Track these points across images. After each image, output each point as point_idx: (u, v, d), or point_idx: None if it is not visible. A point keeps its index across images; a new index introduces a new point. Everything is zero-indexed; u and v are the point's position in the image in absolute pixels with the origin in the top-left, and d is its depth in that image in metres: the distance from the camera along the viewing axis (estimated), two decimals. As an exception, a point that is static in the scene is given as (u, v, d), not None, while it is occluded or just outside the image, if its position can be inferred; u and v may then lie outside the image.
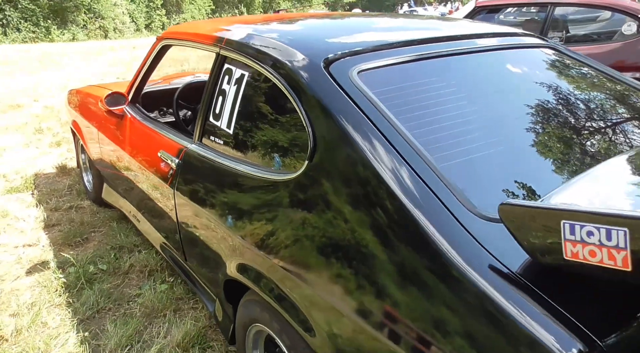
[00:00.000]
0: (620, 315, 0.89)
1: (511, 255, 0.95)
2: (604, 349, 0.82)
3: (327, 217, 1.25)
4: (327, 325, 1.24)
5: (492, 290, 0.92)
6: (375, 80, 1.43)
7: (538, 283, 0.91)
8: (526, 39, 1.90)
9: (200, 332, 2.13)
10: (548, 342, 0.83)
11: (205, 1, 34.82)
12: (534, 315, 0.87)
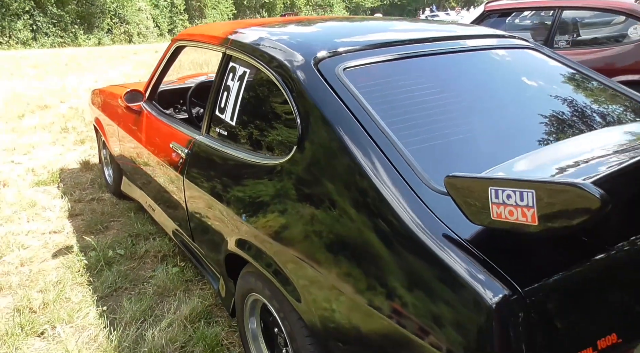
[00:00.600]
0: (539, 267, 1.06)
1: (454, 218, 1.13)
2: (522, 294, 0.99)
3: (311, 195, 1.44)
4: (310, 292, 1.42)
5: (436, 246, 1.10)
6: (358, 76, 1.61)
7: (473, 241, 1.09)
8: (506, 41, 2.06)
9: (206, 309, 2.33)
10: (477, 286, 1.01)
11: (228, 6, 35.35)
12: (469, 265, 1.04)
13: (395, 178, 1.26)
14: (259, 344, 1.84)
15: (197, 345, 2.08)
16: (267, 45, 1.85)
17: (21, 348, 2.10)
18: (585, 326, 1.04)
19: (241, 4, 36.95)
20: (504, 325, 0.98)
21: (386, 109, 1.50)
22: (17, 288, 2.57)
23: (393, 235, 1.19)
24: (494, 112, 1.62)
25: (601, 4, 4.55)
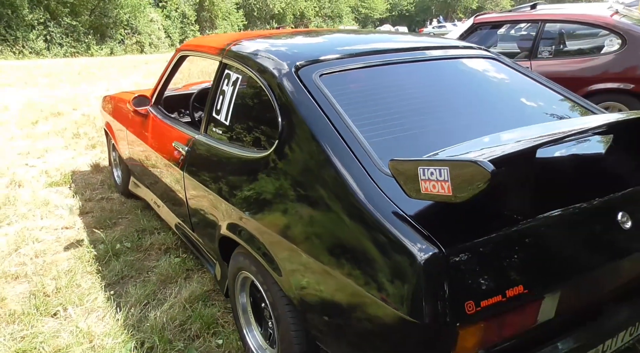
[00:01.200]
0: (460, 232, 1.29)
1: (396, 194, 1.35)
2: (445, 253, 1.21)
3: (288, 181, 1.67)
4: (289, 265, 1.65)
5: (382, 216, 1.33)
6: (332, 81, 1.84)
7: (409, 212, 1.32)
8: (469, 51, 2.29)
9: (204, 293, 2.56)
10: (411, 247, 1.24)
11: (238, 17, 35.87)
12: (405, 231, 1.28)
13: (355, 164, 1.49)
14: (248, 316, 2.06)
15: (194, 323, 2.31)
16: (256, 55, 2.09)
17: (36, 326, 2.34)
18: (496, 279, 1.26)
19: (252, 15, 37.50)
20: (429, 276, 1.21)
21: (353, 108, 1.73)
22: (32, 276, 2.81)
23: (350, 209, 1.42)
24: (443, 111, 1.88)
25: (580, 18, 4.79)
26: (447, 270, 1.22)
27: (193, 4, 30.01)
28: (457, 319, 1.21)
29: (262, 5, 37.15)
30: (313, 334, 1.65)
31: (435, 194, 1.20)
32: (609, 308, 1.58)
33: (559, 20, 4.95)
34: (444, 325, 1.21)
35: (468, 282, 1.24)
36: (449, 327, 1.21)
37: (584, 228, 1.48)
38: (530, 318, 1.37)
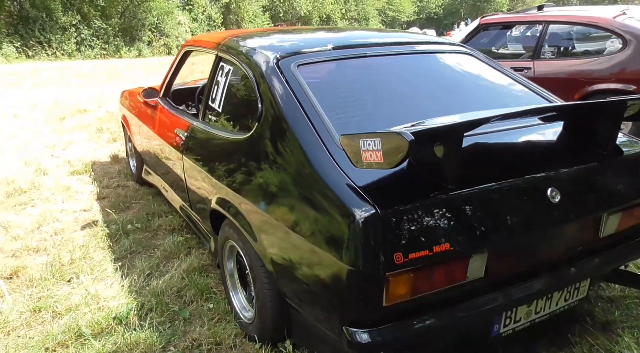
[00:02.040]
0: (394, 197, 1.51)
1: (346, 165, 1.58)
2: (379, 212, 1.43)
3: (262, 156, 1.92)
4: (261, 230, 1.89)
5: (332, 183, 1.57)
6: (307, 70, 2.08)
7: (354, 178, 1.55)
8: (441, 46, 2.50)
9: (201, 266, 2.82)
10: (350, 205, 1.47)
11: (264, 20, 36.38)
12: (349, 195, 1.50)
13: (315, 140, 1.73)
14: (234, 281, 2.31)
15: (189, 290, 2.57)
16: (244, 48, 2.35)
17: (52, 289, 2.63)
18: (424, 237, 1.48)
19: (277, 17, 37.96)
20: (366, 232, 1.43)
21: (322, 93, 1.97)
22: (51, 249, 3.12)
23: (308, 178, 1.66)
24: (405, 98, 2.09)
25: (582, 19, 4.90)
26: (381, 227, 1.45)
27: (220, 7, 30.58)
28: (387, 267, 1.44)
29: (289, 7, 37.56)
30: (281, 291, 1.89)
31: (372, 162, 1.42)
32: (542, 273, 1.77)
33: (562, 22, 5.07)
34: (376, 271, 1.43)
35: (398, 238, 1.46)
36: (380, 273, 1.44)
37: (515, 200, 1.68)
38: (459, 274, 1.58)
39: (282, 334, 2.02)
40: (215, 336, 2.20)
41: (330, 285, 1.58)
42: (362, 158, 1.46)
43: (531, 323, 1.83)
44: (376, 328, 1.50)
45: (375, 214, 1.45)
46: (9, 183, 4.36)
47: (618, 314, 2.26)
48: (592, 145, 1.90)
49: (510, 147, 1.91)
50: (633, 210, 1.93)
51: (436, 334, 1.60)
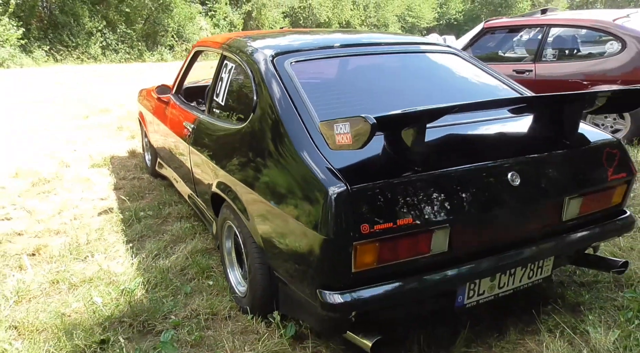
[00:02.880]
0: (363, 175, 1.70)
1: (323, 147, 1.79)
2: (349, 188, 1.64)
3: (254, 141, 2.14)
4: (252, 209, 2.11)
5: (312, 162, 1.78)
6: (300, 67, 2.30)
7: (329, 159, 1.76)
8: (427, 46, 2.69)
9: (205, 248, 3.05)
10: (324, 182, 1.67)
11: (284, 26, 36.82)
12: (324, 173, 1.71)
13: (300, 126, 1.94)
14: (231, 258, 2.53)
15: (192, 268, 2.80)
16: (245, 47, 2.58)
17: (69, 265, 2.88)
18: (390, 211, 1.67)
19: (298, 23, 38.35)
20: (336, 205, 1.64)
21: (311, 86, 2.19)
22: (70, 231, 3.38)
23: (290, 159, 1.88)
24: (387, 91, 2.29)
25: (582, 22, 5.04)
26: (350, 202, 1.65)
27: (241, 13, 31.08)
28: (354, 237, 1.63)
29: (309, 14, 37.90)
30: (269, 264, 2.10)
31: (343, 144, 1.62)
32: (505, 250, 1.95)
33: (563, 25, 5.22)
34: (345, 240, 1.63)
35: (365, 211, 1.66)
36: (348, 242, 1.64)
37: (477, 182, 1.86)
38: (423, 247, 1.77)
39: (272, 306, 2.22)
40: (212, 308, 2.41)
41: (307, 254, 1.78)
42: (336, 141, 1.66)
43: (495, 297, 2.00)
44: (346, 291, 1.70)
45: (345, 191, 1.65)
46: (35, 174, 4.67)
47: (588, 297, 2.41)
48: (555, 135, 2.07)
49: (478, 136, 2.10)
50: (594, 196, 2.09)
51: (401, 299, 1.79)
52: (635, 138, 4.84)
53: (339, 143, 1.65)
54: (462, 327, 2.14)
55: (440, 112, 1.76)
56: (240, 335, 2.23)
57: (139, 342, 2.19)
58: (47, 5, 21.34)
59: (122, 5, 24.15)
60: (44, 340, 2.19)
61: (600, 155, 2.11)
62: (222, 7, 30.10)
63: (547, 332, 2.16)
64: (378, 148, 1.83)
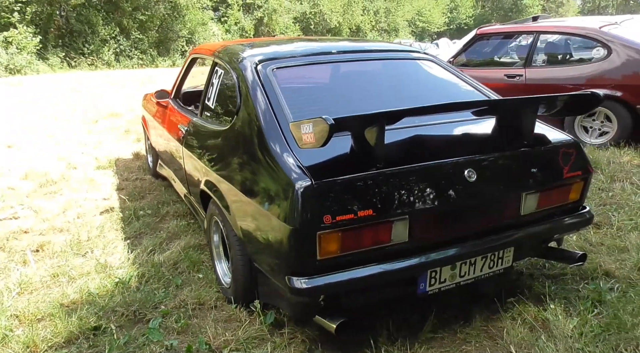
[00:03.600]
0: (328, 171, 1.86)
1: (294, 146, 1.95)
2: (314, 183, 1.80)
3: (235, 141, 2.31)
4: (234, 204, 2.27)
5: (282, 160, 1.94)
6: (281, 73, 2.46)
7: (300, 157, 1.92)
8: (405, 54, 2.84)
9: (198, 244, 3.22)
10: (292, 177, 1.84)
11: (295, 31, 37.11)
12: (294, 170, 1.87)
13: (276, 129, 2.10)
14: (218, 251, 2.69)
15: (184, 262, 2.97)
16: (233, 54, 2.75)
17: (69, 260, 3.07)
18: (351, 204, 1.82)
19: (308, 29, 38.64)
20: (302, 198, 1.80)
21: (289, 90, 2.36)
22: (72, 229, 3.58)
23: (265, 157, 2.04)
24: (358, 95, 2.46)
25: (570, 29, 5.17)
26: (314, 195, 1.81)
27: (252, 19, 31.43)
28: (317, 227, 1.79)
29: (319, 19, 38.16)
30: (249, 255, 2.26)
31: (309, 143, 1.78)
32: (466, 241, 2.09)
33: (552, 32, 5.35)
34: (309, 230, 1.79)
35: (328, 204, 1.81)
36: (312, 232, 1.80)
37: (435, 178, 2.01)
38: (384, 236, 1.92)
39: (253, 295, 2.38)
40: (199, 298, 2.58)
41: (278, 244, 1.94)
42: (303, 140, 1.82)
43: (457, 286, 2.14)
44: (311, 277, 1.86)
45: (310, 185, 1.81)
46: (43, 175, 4.89)
47: (554, 288, 2.53)
48: (513, 136, 2.21)
49: (439, 137, 2.25)
50: (550, 192, 2.23)
51: (364, 285, 1.94)
52: (622, 140, 4.94)
53: (305, 142, 1.81)
54: (430, 314, 2.28)
55: (398, 115, 1.91)
56: (223, 323, 2.39)
57: (129, 329, 2.36)
58: (64, 14, 21.84)
59: (136, 13, 24.60)
60: (42, 328, 2.37)
61: (556, 154, 2.24)
62: (235, 14, 30.49)
63: (511, 319, 2.29)
64: (346, 147, 1.99)
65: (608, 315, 2.26)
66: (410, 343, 2.15)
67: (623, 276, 2.61)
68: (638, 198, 3.64)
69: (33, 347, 2.21)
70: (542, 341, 2.12)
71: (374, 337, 2.17)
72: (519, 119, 2.18)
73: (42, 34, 20.17)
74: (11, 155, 5.90)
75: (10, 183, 4.71)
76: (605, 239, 3.03)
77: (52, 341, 2.26)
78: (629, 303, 2.33)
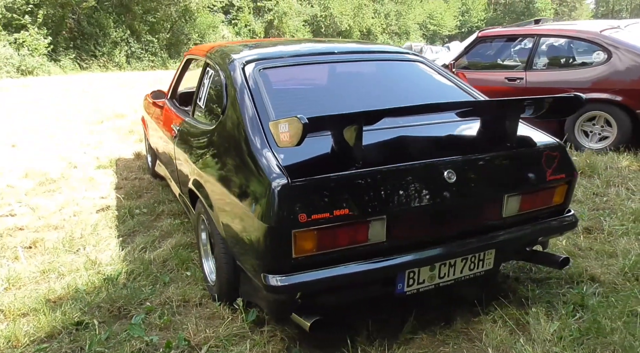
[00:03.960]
0: (304, 171, 1.87)
1: (273, 146, 1.96)
2: (290, 182, 1.81)
3: (221, 140, 2.34)
4: (216, 201, 2.30)
5: (262, 159, 1.96)
6: (266, 73, 2.49)
7: (277, 156, 1.93)
8: (393, 55, 2.85)
9: (189, 243, 3.25)
10: (270, 177, 1.85)
11: (305, 34, 37.21)
12: (271, 168, 1.89)
13: (259, 128, 2.12)
14: (206, 249, 2.71)
15: (173, 259, 3.00)
16: (222, 55, 2.78)
17: (61, 256, 3.11)
18: (326, 203, 1.83)
19: (319, 32, 38.73)
20: (279, 197, 1.81)
21: (273, 90, 2.38)
22: (67, 226, 3.63)
23: (247, 155, 2.06)
24: (342, 95, 2.47)
25: (570, 33, 5.14)
26: (290, 194, 1.82)
27: (262, 22, 31.59)
28: (293, 225, 1.81)
29: (330, 22, 38.25)
30: (230, 251, 2.28)
31: (286, 141, 1.80)
32: (445, 242, 2.09)
33: (553, 35, 5.32)
34: (284, 228, 1.81)
35: (304, 202, 1.83)
36: (288, 230, 1.81)
37: (414, 178, 2.01)
38: (361, 236, 1.93)
39: (236, 293, 2.40)
40: (184, 295, 2.60)
41: (256, 241, 1.96)
42: (281, 139, 1.84)
43: (436, 287, 2.14)
44: (287, 275, 1.87)
45: (287, 184, 1.82)
46: (43, 174, 4.96)
47: (539, 292, 2.52)
48: (496, 138, 2.21)
49: (420, 138, 2.25)
50: (533, 195, 2.22)
51: (340, 283, 1.95)
52: (622, 145, 4.90)
53: (282, 141, 1.83)
54: (410, 315, 2.28)
55: (376, 115, 1.92)
56: (206, 320, 2.40)
57: (112, 324, 2.38)
58: (76, 17, 22.11)
59: (147, 16, 24.84)
60: (25, 322, 2.40)
61: (539, 156, 2.24)
62: (246, 16, 30.66)
63: (492, 322, 2.29)
64: (327, 146, 2.00)
65: (588, 320, 2.25)
66: (389, 344, 2.15)
67: (608, 281, 2.59)
68: (632, 203, 3.61)
69: (15, 341, 2.24)
70: (520, 344, 2.11)
71: (353, 336, 2.18)
72: (501, 120, 2.18)
73: (53, 36, 20.42)
74: (14, 154, 5.99)
75: (10, 182, 4.78)
76: (595, 244, 3.01)
77: (34, 336, 2.29)
78: (610, 308, 2.32)
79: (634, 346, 2.05)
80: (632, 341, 2.08)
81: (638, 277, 2.64)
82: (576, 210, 3.55)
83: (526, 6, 55.25)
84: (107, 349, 2.18)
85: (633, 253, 2.83)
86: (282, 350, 2.16)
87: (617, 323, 2.19)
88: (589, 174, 4.30)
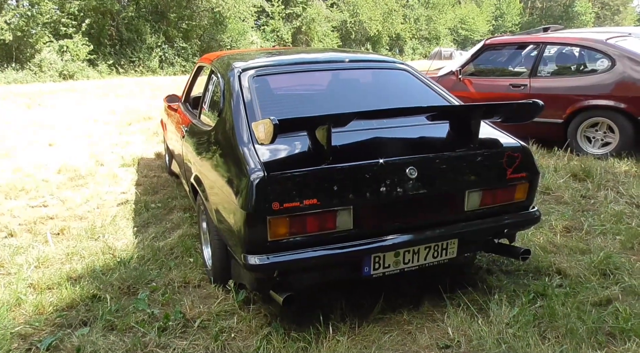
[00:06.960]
0: (279, 165, 2.16)
1: (255, 143, 2.26)
2: (267, 176, 2.10)
3: (215, 138, 2.65)
4: (211, 192, 2.60)
5: (246, 154, 2.25)
6: (261, 79, 2.79)
7: (258, 152, 2.22)
8: (382, 64, 3.11)
9: (195, 233, 3.57)
10: (249, 170, 2.14)
11: (333, 39, 37.56)
12: (252, 162, 2.18)
13: (245, 128, 2.42)
14: (206, 236, 3.01)
15: (178, 248, 3.33)
16: (224, 63, 3.10)
17: (83, 242, 3.48)
18: (297, 193, 2.11)
19: (348, 37, 39.01)
20: (256, 188, 2.10)
21: (265, 95, 2.68)
22: (90, 217, 4.01)
23: (233, 151, 2.35)
24: (328, 100, 2.75)
25: (575, 41, 5.27)
26: (265, 185, 2.11)
27: (290, 28, 32.10)
28: (267, 212, 2.09)
29: (359, 28, 38.48)
30: (221, 237, 2.57)
31: (262, 139, 2.09)
32: (410, 231, 2.34)
33: (558, 43, 5.46)
34: (260, 214, 2.10)
35: (277, 193, 2.11)
36: (262, 216, 2.09)
37: (378, 174, 2.26)
38: (329, 223, 2.20)
39: (228, 275, 2.69)
40: (185, 278, 2.92)
41: (237, 226, 2.24)
42: (259, 137, 2.13)
43: (402, 272, 2.39)
44: (264, 255, 2.15)
45: (263, 176, 2.11)
46: (74, 170, 5.40)
47: (506, 282, 2.74)
48: (459, 139, 2.45)
49: (388, 138, 2.49)
50: (494, 192, 2.44)
51: (310, 264, 2.22)
52: (624, 152, 5.00)
53: (260, 139, 2.12)
54: (379, 298, 2.54)
55: (344, 117, 2.19)
56: (202, 299, 2.71)
57: (121, 299, 2.71)
58: (115, 24, 23.07)
59: (180, 23, 25.65)
60: (51, 295, 2.77)
61: (500, 157, 2.45)
62: (275, 23, 31.23)
63: (456, 306, 2.52)
64: (304, 145, 2.28)
65: (545, 306, 2.45)
66: (359, 322, 2.41)
67: (574, 274, 2.78)
68: (617, 206, 3.76)
69: (41, 308, 2.60)
70: (477, 325, 2.34)
71: (327, 314, 2.45)
72: (465, 124, 2.42)
73: (95, 43, 21.39)
74: (51, 152, 6.48)
75: (46, 176, 5.23)
76: (571, 242, 3.19)
77: (57, 305, 2.64)
78: (568, 297, 2.52)
79: (578, 328, 2.25)
80: (578, 325, 2.28)
81: (604, 271, 2.82)
82: (560, 210, 3.74)
83: (564, 10, 54.18)
84: (116, 318, 2.51)
85: (605, 251, 3.01)
86: (264, 324, 2.45)
87: (569, 310, 2.40)
88: (582, 178, 4.45)
